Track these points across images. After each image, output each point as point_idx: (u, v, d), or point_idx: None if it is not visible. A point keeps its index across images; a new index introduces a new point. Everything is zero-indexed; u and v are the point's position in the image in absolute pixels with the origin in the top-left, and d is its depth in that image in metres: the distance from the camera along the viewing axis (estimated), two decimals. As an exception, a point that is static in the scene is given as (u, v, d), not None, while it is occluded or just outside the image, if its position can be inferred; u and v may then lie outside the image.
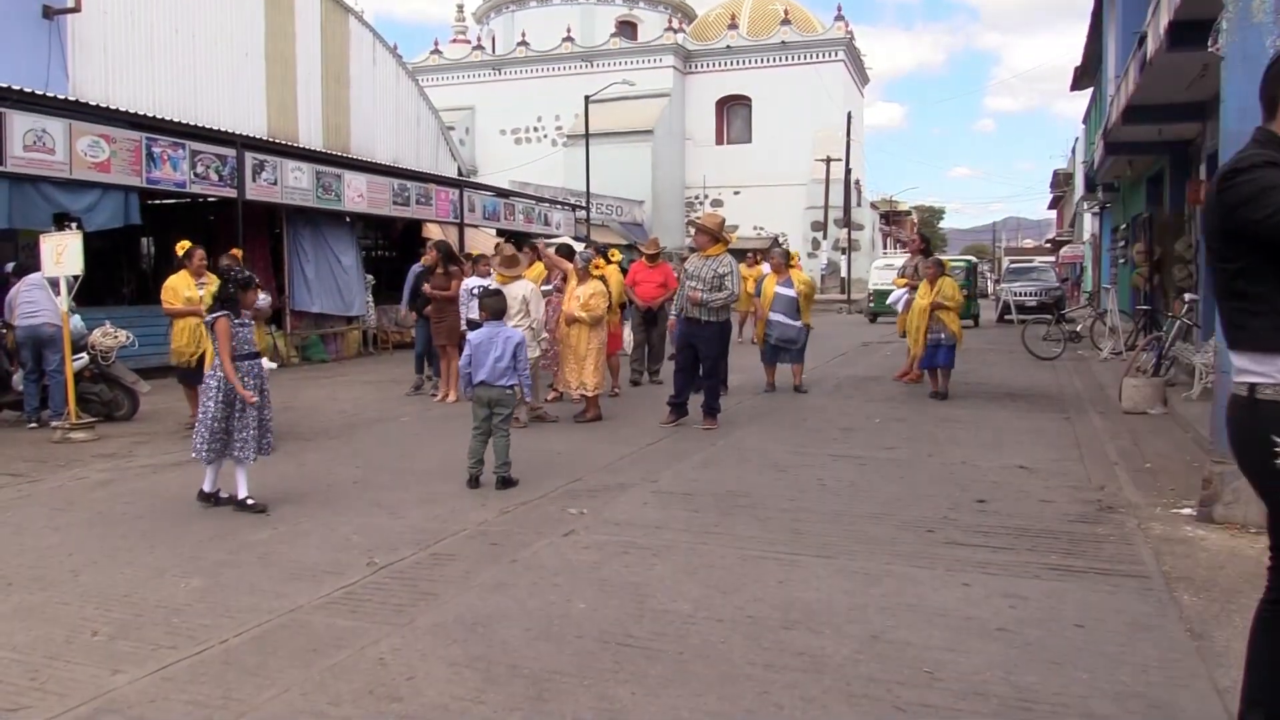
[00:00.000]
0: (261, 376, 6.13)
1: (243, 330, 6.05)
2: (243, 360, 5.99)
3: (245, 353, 6.03)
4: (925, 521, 5.63)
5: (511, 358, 6.68)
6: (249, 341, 6.10)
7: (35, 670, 3.58)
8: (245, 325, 6.08)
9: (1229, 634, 3.86)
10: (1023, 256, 59.26)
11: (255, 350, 6.19)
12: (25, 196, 11.35)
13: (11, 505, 6.25)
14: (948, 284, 11.18)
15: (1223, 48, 5.73)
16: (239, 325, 6.01)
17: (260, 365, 6.18)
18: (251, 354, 6.11)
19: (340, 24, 22.22)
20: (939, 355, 10.98)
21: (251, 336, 6.15)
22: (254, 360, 6.11)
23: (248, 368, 6.02)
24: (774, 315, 11.55)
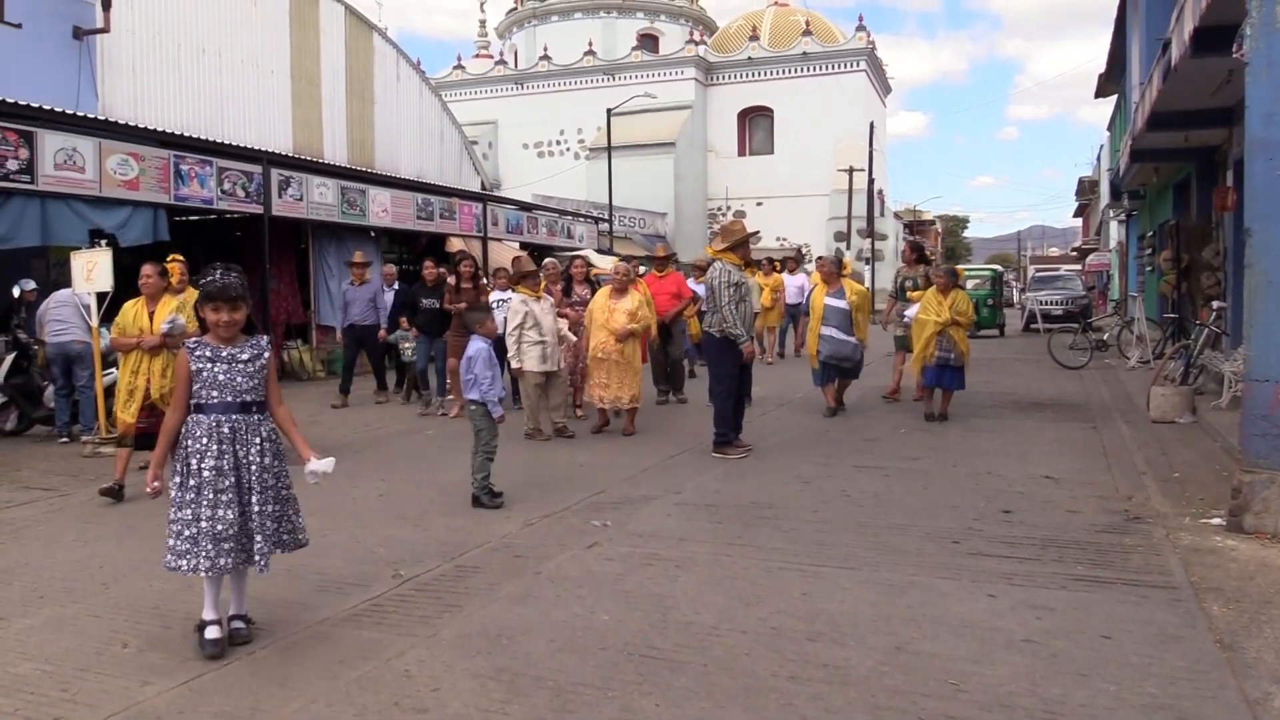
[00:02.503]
0: (276, 461, 4.05)
1: (215, 367, 3.94)
2: (214, 411, 3.92)
3: (214, 401, 3.93)
4: (950, 532, 5.60)
5: (469, 372, 6.55)
6: (230, 386, 3.95)
7: (67, 682, 3.63)
8: (224, 358, 3.96)
9: (1259, 645, 3.81)
10: (1048, 265, 58.84)
11: (247, 399, 3.98)
12: (58, 214, 11.51)
13: (43, 519, 6.34)
14: (961, 297, 9.99)
15: (1247, 54, 5.69)
16: (207, 358, 3.94)
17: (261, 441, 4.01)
18: (234, 404, 3.95)
19: (364, 41, 22.43)
20: (945, 376, 9.90)
21: (240, 379, 3.97)
22: (235, 415, 3.95)
23: (211, 428, 3.90)
24: (825, 330, 10.36)
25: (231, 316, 3.94)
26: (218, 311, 3.93)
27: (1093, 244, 51.19)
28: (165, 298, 7.16)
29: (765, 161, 47.20)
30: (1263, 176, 5.55)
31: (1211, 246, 14.64)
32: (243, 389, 3.96)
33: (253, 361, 4.00)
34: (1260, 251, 5.57)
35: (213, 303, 3.94)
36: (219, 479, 3.88)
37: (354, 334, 12.34)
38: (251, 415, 3.98)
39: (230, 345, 3.97)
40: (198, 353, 3.95)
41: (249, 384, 3.98)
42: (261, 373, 4.01)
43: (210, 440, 3.89)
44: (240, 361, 3.97)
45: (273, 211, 14.82)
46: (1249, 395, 5.69)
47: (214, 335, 3.97)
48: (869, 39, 46.37)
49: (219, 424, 3.91)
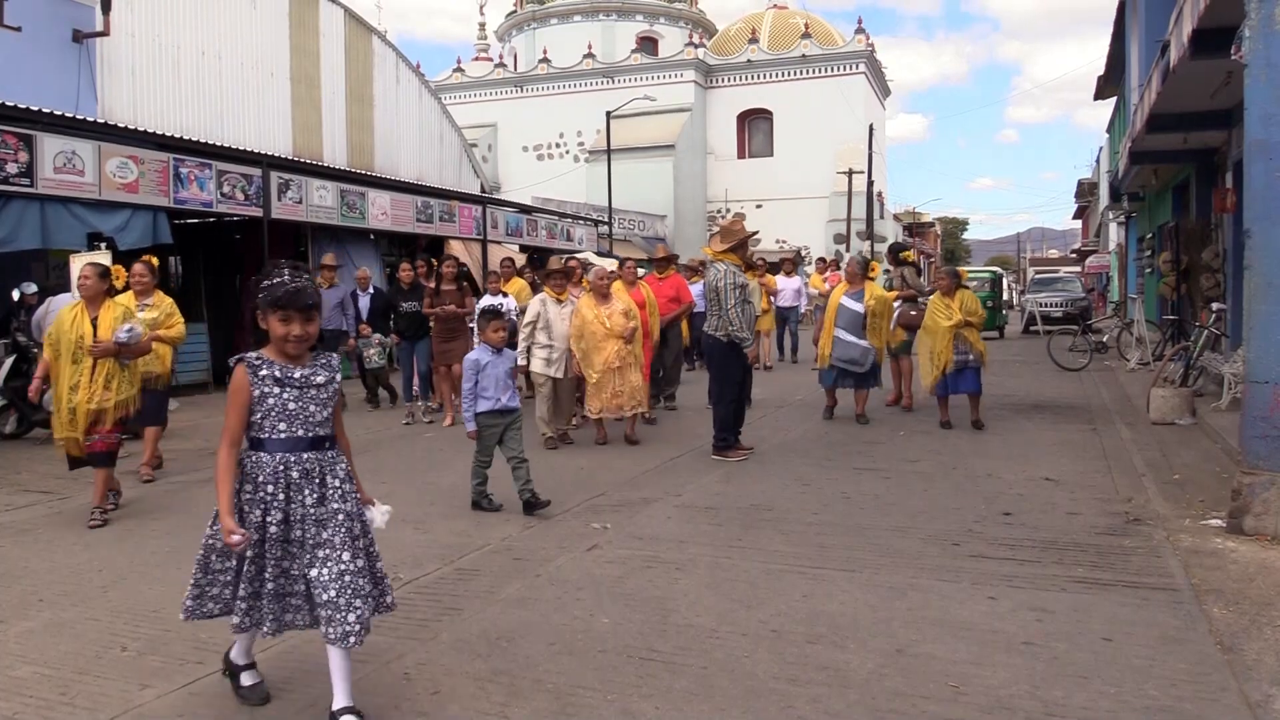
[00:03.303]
0: (351, 521, 3.26)
1: (284, 393, 3.20)
2: (281, 449, 3.19)
3: (281, 436, 3.19)
4: (950, 534, 5.60)
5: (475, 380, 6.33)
6: (301, 417, 3.21)
7: (65, 685, 3.62)
8: (295, 381, 3.22)
9: (1260, 647, 3.81)
10: (1048, 267, 58.90)
11: (320, 432, 3.26)
12: (57, 217, 11.52)
13: (42, 522, 6.33)
14: (968, 296, 9.59)
15: (1246, 55, 5.69)
16: (274, 381, 3.19)
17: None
18: (306, 439, 3.22)
19: (364, 44, 22.46)
20: (965, 380, 9.48)
21: (313, 408, 3.25)
22: (306, 453, 3.22)
23: (276, 470, 3.18)
24: (837, 332, 9.97)
25: (305, 330, 3.18)
26: (288, 323, 3.15)
27: (1092, 246, 51.24)
28: (107, 302, 6.42)
29: (765, 164, 47.26)
30: (1262, 178, 5.55)
31: (1211, 248, 14.66)
32: (316, 420, 3.22)
33: (327, 386, 3.27)
34: (1260, 253, 5.57)
35: (282, 311, 3.14)
36: (288, 533, 3.17)
37: (322, 340, 11.96)
38: (325, 452, 3.26)
39: (300, 365, 3.23)
40: (263, 373, 3.16)
41: (323, 414, 3.25)
42: (334, 399, 3.32)
43: (277, 486, 3.15)
44: (314, 386, 3.22)
45: (272, 214, 14.83)
46: (1249, 397, 5.69)
47: (278, 352, 3.20)
48: (868, 41, 46.43)
49: (287, 465, 3.16)
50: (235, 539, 3.03)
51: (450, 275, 10.70)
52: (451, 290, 10.57)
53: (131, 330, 6.33)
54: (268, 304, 3.15)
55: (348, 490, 3.28)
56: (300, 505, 3.17)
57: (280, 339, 3.17)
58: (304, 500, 3.17)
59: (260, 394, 3.15)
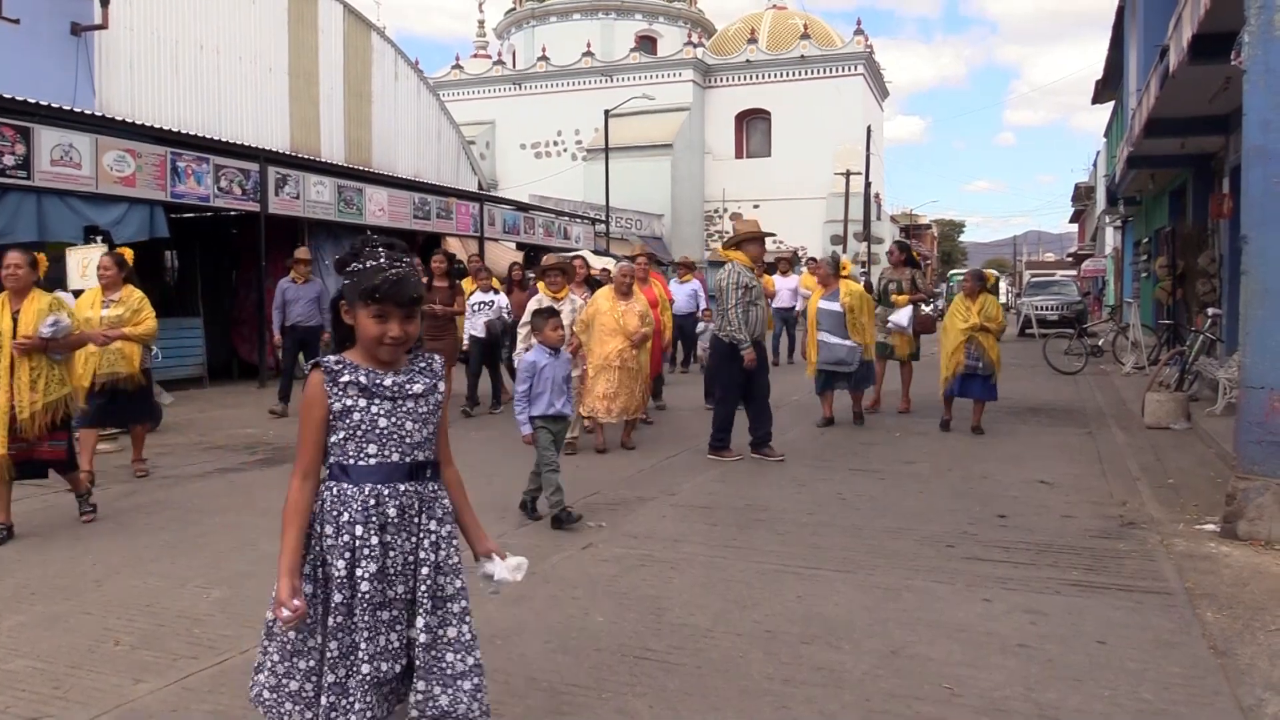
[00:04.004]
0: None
1: (374, 406, 2.45)
2: (371, 479, 2.44)
3: (371, 462, 2.44)
4: (945, 536, 5.60)
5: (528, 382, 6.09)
6: (395, 437, 2.46)
7: (58, 679, 3.61)
8: (388, 391, 2.46)
9: (1253, 651, 3.82)
10: (1044, 270, 58.91)
11: (420, 457, 2.50)
12: (54, 210, 11.50)
13: (36, 515, 6.31)
14: (991, 302, 9.49)
15: (1245, 61, 5.70)
16: (360, 390, 2.44)
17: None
18: (403, 465, 2.47)
19: (363, 40, 22.44)
20: (974, 387, 9.42)
21: (410, 425, 2.48)
22: (404, 484, 2.47)
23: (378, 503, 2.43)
24: (821, 336, 9.81)
25: (405, 330, 2.42)
26: (384, 320, 2.39)
27: (1088, 250, 51.29)
28: (33, 293, 5.90)
29: (762, 164, 47.28)
30: (1259, 184, 5.56)
31: (1207, 253, 14.69)
32: (415, 441, 2.47)
33: (428, 396, 2.50)
34: (1256, 259, 5.58)
35: (378, 305, 2.38)
36: (385, 590, 2.41)
37: (296, 335, 11.27)
38: (426, 484, 2.50)
39: (394, 371, 2.48)
40: (345, 379, 2.42)
41: (423, 433, 2.49)
42: (436, 413, 2.54)
43: (369, 528, 2.39)
44: (410, 397, 2.47)
45: (269, 209, 14.81)
46: (1244, 402, 5.70)
47: (367, 355, 2.45)
48: (867, 43, 46.48)
49: (380, 500, 2.41)
50: (286, 614, 2.29)
51: (440, 271, 10.37)
52: (442, 288, 10.28)
53: (58, 323, 5.72)
54: (359, 294, 2.40)
55: (444, 536, 2.51)
56: (400, 552, 2.43)
57: (373, 340, 2.41)
58: (403, 545, 2.44)
59: (342, 407, 2.41)
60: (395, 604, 2.44)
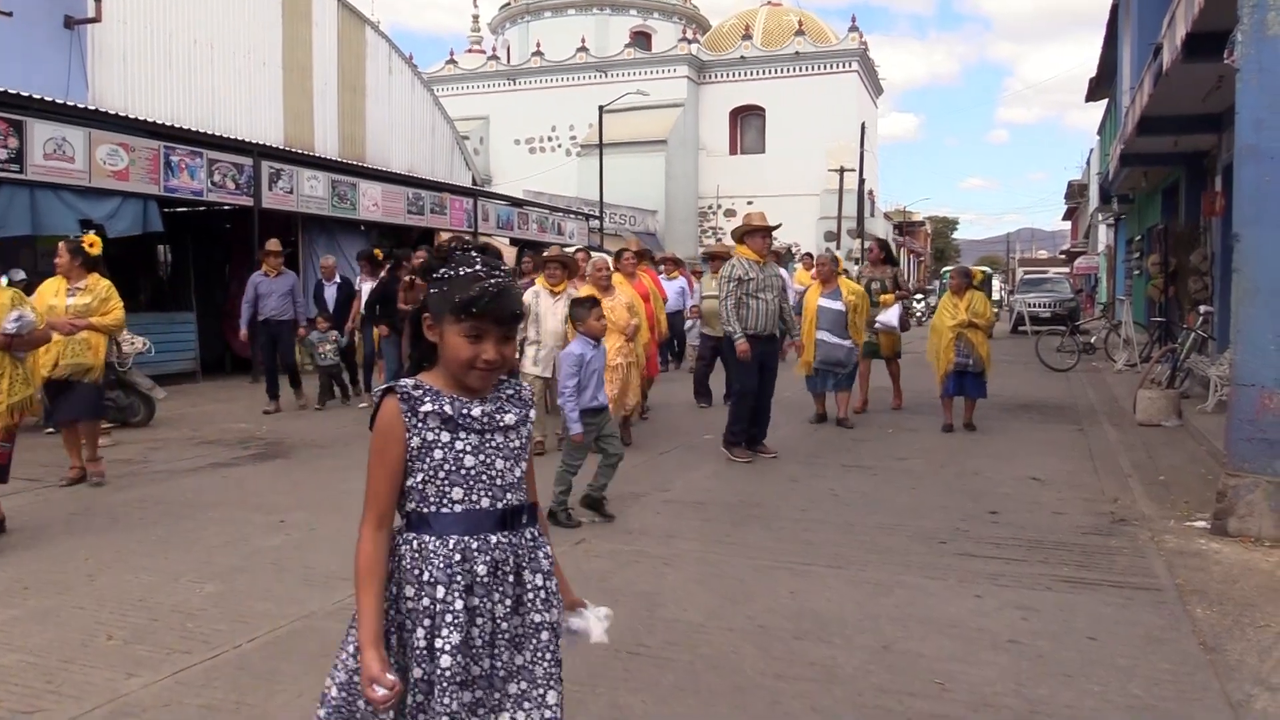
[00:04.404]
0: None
1: (460, 442, 2.02)
2: (457, 530, 2.01)
3: (457, 510, 2.02)
4: (937, 532, 5.62)
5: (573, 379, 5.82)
6: (485, 479, 2.04)
7: (51, 673, 3.61)
8: (475, 423, 2.03)
9: (1242, 647, 3.84)
10: (1037, 268, 59.07)
11: (514, 501, 2.08)
12: (47, 203, 11.46)
13: (29, 510, 6.30)
14: (978, 298, 9.51)
15: (1238, 60, 5.72)
16: (443, 422, 2.01)
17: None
18: (494, 513, 2.04)
19: (357, 34, 22.38)
20: (967, 384, 9.44)
21: (501, 463, 2.06)
22: (496, 535, 2.03)
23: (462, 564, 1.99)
24: (819, 334, 9.59)
25: (501, 353, 2.02)
26: (479, 340, 1.99)
27: (1081, 247, 51.44)
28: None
29: (756, 160, 47.27)
30: (1251, 182, 5.59)
31: (1199, 251, 14.74)
32: (507, 482, 2.06)
33: (519, 429, 2.10)
34: (1248, 257, 5.61)
35: (473, 322, 1.98)
36: (469, 667, 1.97)
37: (268, 330, 10.95)
38: (521, 533, 2.08)
39: (481, 399, 2.05)
40: (426, 408, 2.00)
41: (515, 472, 2.08)
42: (528, 448, 2.14)
43: (452, 590, 1.96)
44: (501, 429, 2.06)
45: (263, 204, 14.78)
46: (1235, 399, 5.73)
47: (452, 380, 2.04)
48: (861, 40, 46.48)
49: (467, 555, 1.98)
50: (380, 694, 1.87)
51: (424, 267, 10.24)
52: (426, 285, 10.13)
53: (21, 319, 5.52)
54: (450, 307, 1.99)
55: (553, 591, 2.12)
56: (489, 618, 1.99)
57: (464, 363, 1.99)
58: (494, 610, 2.01)
59: (422, 443, 2.00)
60: (480, 683, 1.99)
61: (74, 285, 6.97)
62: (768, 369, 8.09)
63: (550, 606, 2.11)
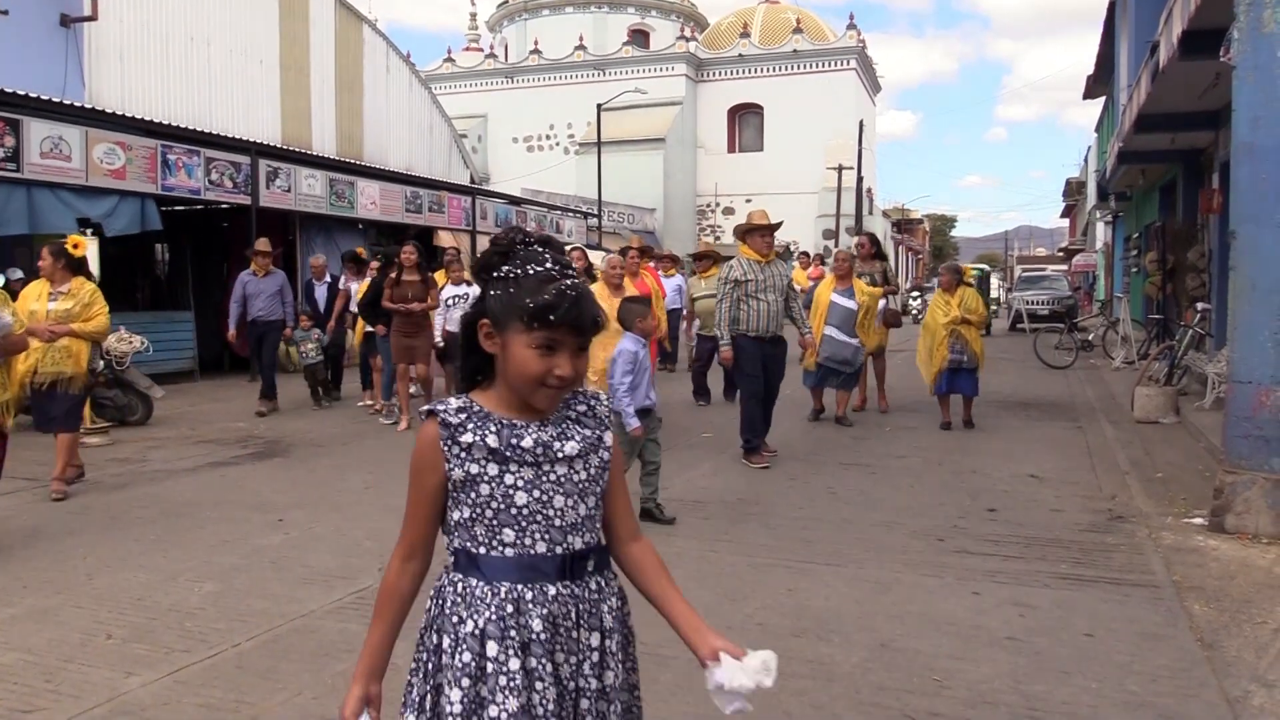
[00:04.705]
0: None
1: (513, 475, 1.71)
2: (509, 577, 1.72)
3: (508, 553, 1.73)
4: (935, 530, 5.63)
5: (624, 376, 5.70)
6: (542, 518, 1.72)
7: (50, 673, 3.61)
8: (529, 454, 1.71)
9: (1239, 644, 3.85)
10: (1035, 265, 59.12)
11: (578, 544, 1.76)
12: (45, 202, 11.46)
13: (27, 509, 6.31)
14: (970, 294, 9.48)
15: (1234, 57, 5.73)
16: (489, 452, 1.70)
17: None
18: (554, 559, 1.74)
19: (354, 32, 22.36)
20: (961, 382, 9.40)
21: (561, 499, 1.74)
22: (556, 585, 1.74)
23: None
24: (828, 330, 9.38)
25: (575, 367, 1.69)
26: (553, 353, 1.67)
27: (1079, 245, 51.45)
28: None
29: (755, 158, 47.26)
30: (1248, 180, 5.59)
31: (1197, 248, 14.75)
32: (568, 522, 1.74)
33: (586, 458, 1.76)
34: (1244, 254, 5.62)
35: (547, 332, 1.65)
36: None
37: (255, 331, 10.73)
38: (587, 581, 1.79)
39: (540, 422, 1.74)
40: (468, 438, 1.71)
41: (579, 510, 1.75)
42: (602, 478, 1.79)
43: (506, 648, 1.68)
44: (560, 460, 1.73)
45: (260, 202, 14.78)
46: (1232, 396, 5.74)
47: (509, 399, 1.73)
48: (859, 37, 46.48)
49: (520, 608, 1.70)
50: None
51: (411, 264, 9.65)
52: (414, 281, 9.62)
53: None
54: (520, 313, 1.65)
55: (615, 651, 1.82)
56: (550, 683, 1.69)
57: (532, 380, 1.66)
58: (557, 673, 1.71)
59: (465, 476, 1.71)
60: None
61: (56, 289, 6.56)
62: (773, 371, 7.88)
63: (626, 665, 1.86)
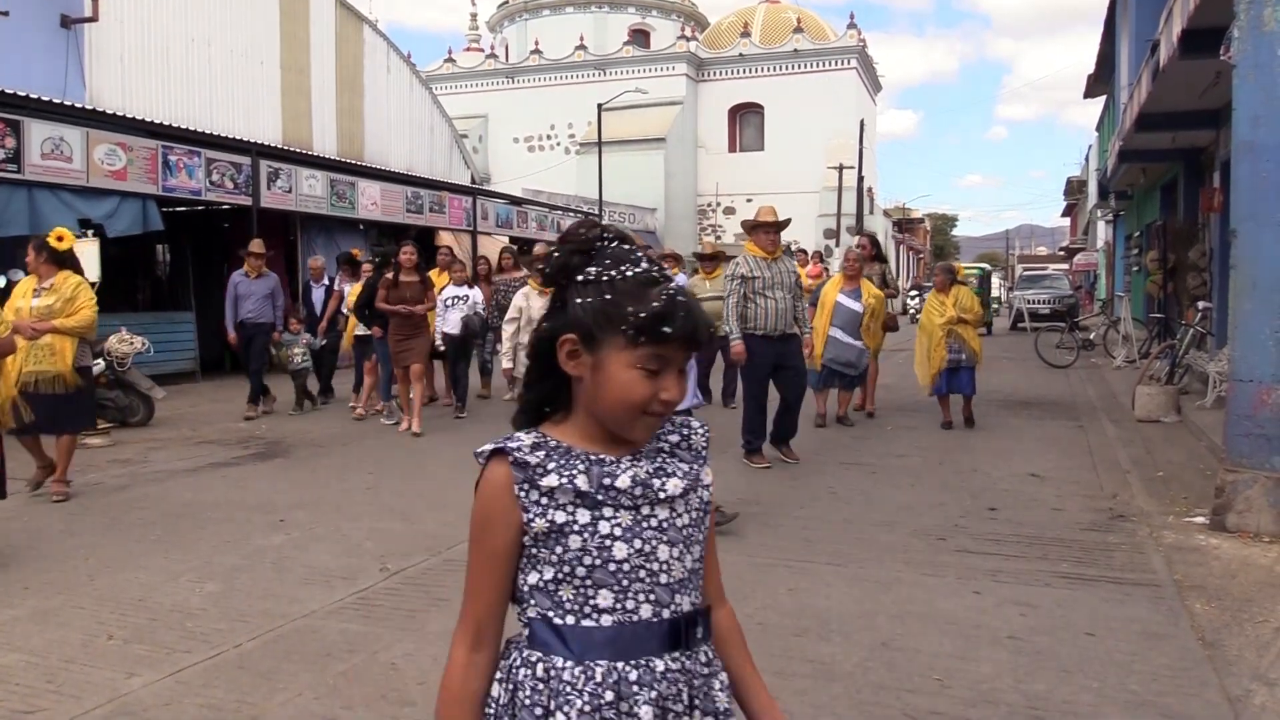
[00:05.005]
0: None
1: (607, 523, 1.37)
2: (605, 653, 1.35)
3: (605, 622, 1.36)
4: (936, 529, 5.63)
5: None
6: (642, 577, 1.37)
7: (52, 673, 3.61)
8: (626, 496, 1.37)
9: (1241, 643, 3.85)
10: (1036, 264, 59.12)
11: (684, 606, 1.42)
12: (46, 203, 11.47)
13: (28, 510, 6.31)
14: (965, 294, 9.51)
15: (1235, 56, 5.73)
16: (576, 498, 1.36)
17: None
18: (657, 626, 1.38)
19: (355, 33, 22.36)
20: (960, 380, 9.39)
21: (665, 551, 1.39)
22: (658, 660, 1.37)
23: None
24: (833, 331, 9.30)
25: (681, 388, 1.40)
26: (661, 373, 1.37)
27: (1080, 244, 51.43)
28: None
29: (755, 158, 47.24)
30: (1249, 178, 5.59)
31: (1198, 247, 14.74)
32: (676, 579, 1.41)
33: (688, 498, 1.44)
34: (1245, 253, 5.61)
35: (656, 348, 1.35)
36: None
37: (244, 333, 10.49)
38: (697, 653, 1.45)
39: (633, 456, 1.42)
40: (551, 480, 1.38)
41: (686, 562, 1.44)
42: (704, 524, 1.49)
43: None
44: (664, 500, 1.41)
45: (261, 203, 14.79)
46: (1233, 395, 5.73)
47: (593, 429, 1.42)
48: (860, 37, 46.46)
49: (623, 692, 1.35)
50: None
51: (410, 264, 9.51)
52: (411, 282, 9.46)
53: None
54: (629, 326, 1.34)
55: None
56: None
57: (636, 407, 1.36)
58: None
59: (549, 527, 1.38)
60: None
61: (41, 285, 6.36)
62: (788, 369, 7.64)
63: None
